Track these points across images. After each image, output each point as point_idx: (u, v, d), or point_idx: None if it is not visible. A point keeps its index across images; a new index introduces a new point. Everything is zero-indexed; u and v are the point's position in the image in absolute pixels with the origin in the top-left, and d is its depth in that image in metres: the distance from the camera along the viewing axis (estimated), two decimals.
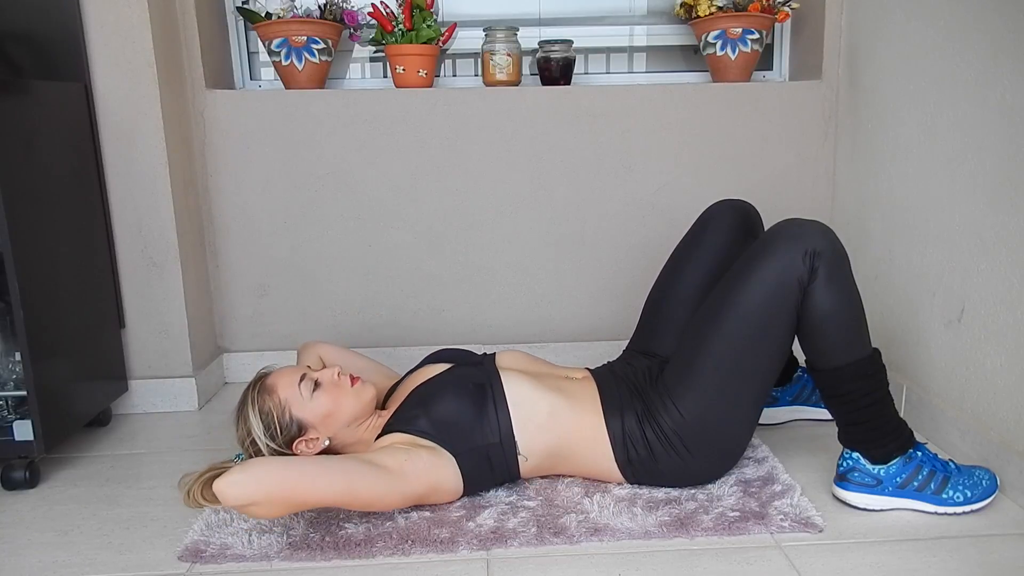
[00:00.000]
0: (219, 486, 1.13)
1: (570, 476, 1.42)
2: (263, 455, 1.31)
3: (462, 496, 1.35)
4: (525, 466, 1.36)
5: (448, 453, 1.30)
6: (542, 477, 1.43)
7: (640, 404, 1.36)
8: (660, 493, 1.36)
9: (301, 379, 1.35)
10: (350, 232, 2.02)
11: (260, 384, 1.37)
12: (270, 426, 1.32)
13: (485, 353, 1.54)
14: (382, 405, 1.51)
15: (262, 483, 1.14)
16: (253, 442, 1.33)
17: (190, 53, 1.90)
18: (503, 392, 1.34)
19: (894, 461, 1.30)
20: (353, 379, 1.39)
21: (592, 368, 1.51)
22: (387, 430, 1.35)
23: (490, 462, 1.33)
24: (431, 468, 1.28)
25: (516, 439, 1.33)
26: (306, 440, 1.34)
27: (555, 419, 1.34)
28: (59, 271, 1.56)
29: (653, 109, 1.99)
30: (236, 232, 2.02)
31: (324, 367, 1.47)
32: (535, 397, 1.35)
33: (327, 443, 1.36)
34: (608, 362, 1.55)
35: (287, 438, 1.33)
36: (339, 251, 2.04)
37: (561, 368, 1.52)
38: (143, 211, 1.80)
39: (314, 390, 1.35)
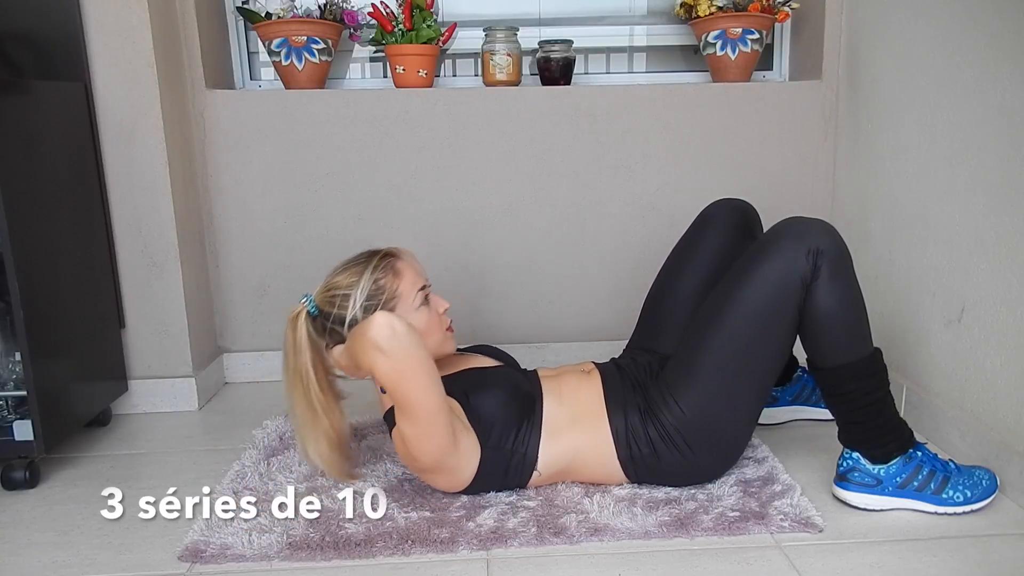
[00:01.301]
0: (381, 317, 1.15)
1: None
2: (331, 311, 1.31)
3: (464, 491, 1.35)
4: (535, 479, 1.37)
5: (479, 443, 1.30)
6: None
7: (642, 400, 1.36)
8: (660, 493, 1.36)
9: (422, 288, 1.36)
10: (350, 232, 2.02)
11: (390, 260, 1.36)
12: (373, 299, 1.32)
13: (525, 369, 1.53)
14: None
15: (410, 345, 1.16)
16: (345, 296, 1.31)
17: (190, 53, 1.90)
18: (542, 412, 1.35)
19: (894, 461, 1.30)
20: (450, 328, 1.40)
21: (598, 363, 1.51)
22: None
23: (507, 468, 1.34)
24: (468, 449, 1.29)
25: (539, 457, 1.34)
26: None
27: (575, 446, 1.35)
28: (59, 271, 1.56)
29: (653, 109, 1.99)
30: (236, 232, 2.01)
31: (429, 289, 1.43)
32: (565, 428, 1.35)
33: None
34: (613, 358, 1.55)
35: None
36: (339, 251, 2.01)
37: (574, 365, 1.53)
38: (143, 211, 1.80)
39: (421, 305, 1.35)
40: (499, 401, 1.32)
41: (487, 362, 1.47)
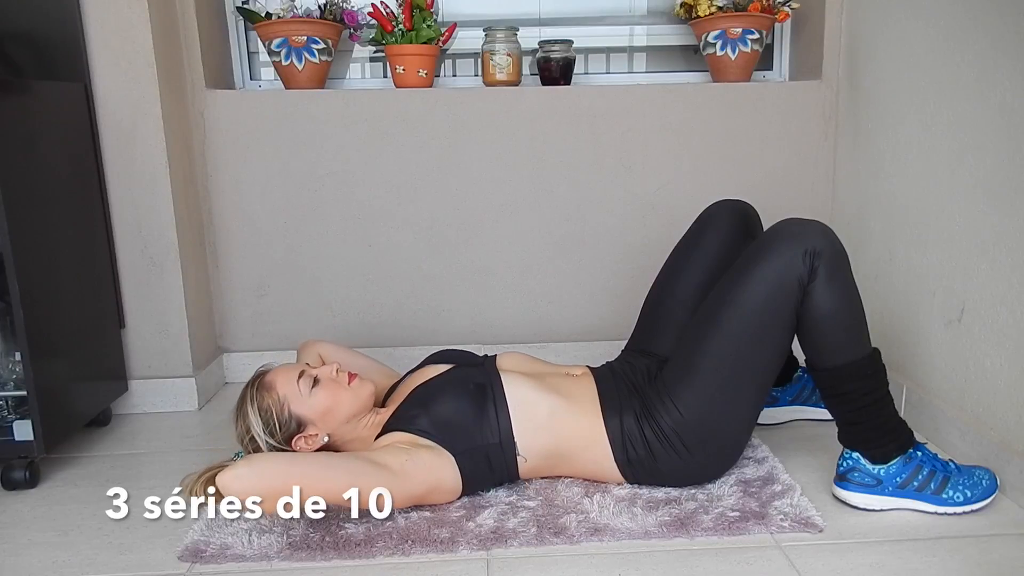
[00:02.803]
0: (223, 479, 1.14)
1: (570, 477, 1.42)
2: (263, 452, 1.32)
3: (461, 496, 1.35)
4: (524, 467, 1.36)
5: (448, 453, 1.30)
6: (542, 477, 1.43)
7: (639, 403, 1.36)
8: (660, 493, 1.36)
9: (300, 376, 1.36)
10: (350, 232, 2.02)
11: (259, 381, 1.37)
12: (269, 423, 1.33)
13: (486, 355, 1.54)
14: (382, 404, 1.51)
15: (265, 477, 1.16)
16: (252, 439, 1.34)
17: (190, 53, 1.90)
18: (503, 393, 1.35)
19: (894, 461, 1.30)
20: (351, 376, 1.40)
21: (592, 367, 1.51)
22: (387, 429, 1.35)
23: (489, 462, 1.33)
24: (431, 468, 1.28)
25: (515, 440, 1.33)
26: (305, 436, 1.35)
27: (554, 420, 1.34)
28: (59, 271, 1.56)
29: (653, 109, 1.99)
30: (236, 232, 2.01)
31: (323, 364, 1.48)
32: (535, 398, 1.35)
33: (326, 439, 1.37)
34: (608, 362, 1.55)
35: (286, 435, 1.34)
36: (339, 251, 2.04)
37: (561, 367, 1.52)
38: (143, 211, 1.80)
39: (312, 386, 1.36)
40: (447, 407, 1.33)
41: (434, 371, 1.47)
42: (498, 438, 1.33)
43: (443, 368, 1.47)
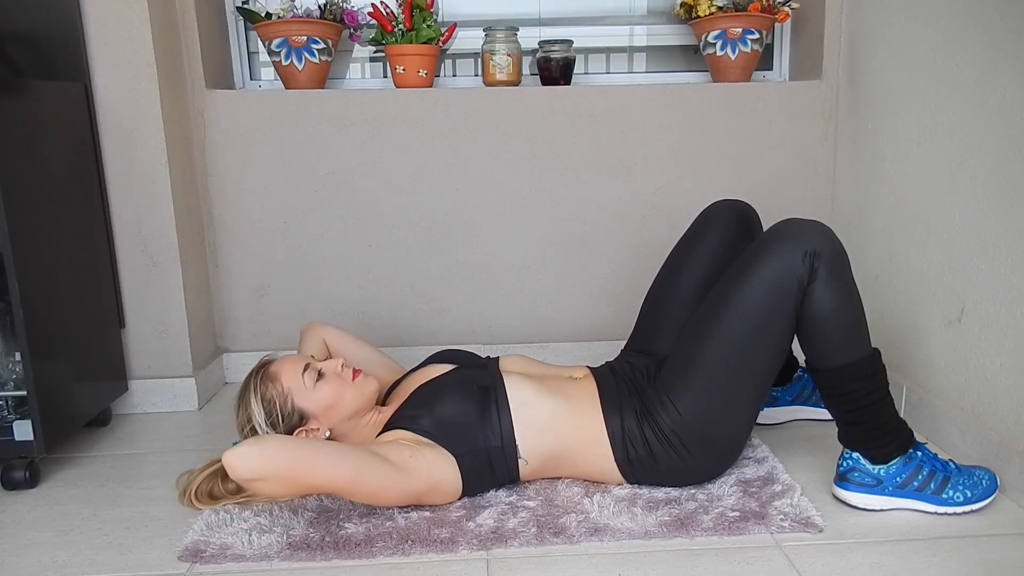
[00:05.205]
0: (229, 457, 1.13)
1: (571, 478, 1.42)
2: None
3: (461, 497, 1.35)
4: (525, 469, 1.36)
5: (449, 453, 1.30)
6: (543, 479, 1.43)
7: (639, 402, 1.36)
8: (660, 493, 1.36)
9: (305, 368, 1.36)
10: (350, 232, 2.02)
11: (263, 371, 1.37)
12: (272, 414, 1.34)
13: (488, 357, 1.54)
14: (383, 401, 1.51)
15: (273, 458, 1.15)
16: (253, 429, 1.34)
17: (190, 53, 1.90)
18: (506, 395, 1.35)
19: (894, 461, 1.30)
20: (355, 372, 1.40)
21: (592, 367, 1.51)
22: (389, 427, 1.35)
23: (491, 464, 1.34)
24: (433, 467, 1.28)
25: (517, 442, 1.33)
26: (307, 430, 1.35)
27: (556, 422, 1.35)
28: (59, 271, 1.56)
29: (653, 109, 1.99)
30: (236, 232, 2.02)
31: (328, 356, 1.47)
32: (537, 401, 1.35)
33: (327, 434, 1.37)
34: (608, 362, 1.55)
35: (288, 427, 1.34)
36: (339, 251, 2.04)
37: (563, 368, 1.53)
38: (143, 211, 1.80)
39: (317, 380, 1.36)
40: (451, 408, 1.32)
41: (437, 371, 1.47)
42: (500, 440, 1.33)
43: (446, 368, 1.47)
